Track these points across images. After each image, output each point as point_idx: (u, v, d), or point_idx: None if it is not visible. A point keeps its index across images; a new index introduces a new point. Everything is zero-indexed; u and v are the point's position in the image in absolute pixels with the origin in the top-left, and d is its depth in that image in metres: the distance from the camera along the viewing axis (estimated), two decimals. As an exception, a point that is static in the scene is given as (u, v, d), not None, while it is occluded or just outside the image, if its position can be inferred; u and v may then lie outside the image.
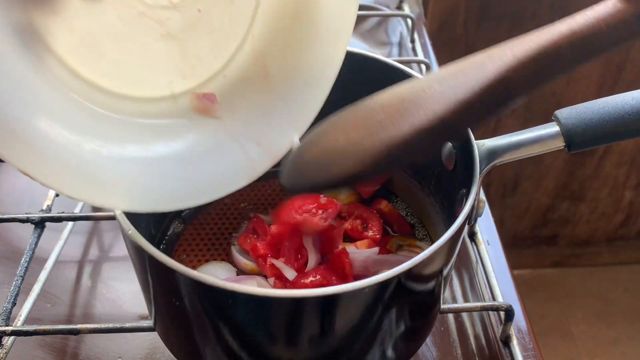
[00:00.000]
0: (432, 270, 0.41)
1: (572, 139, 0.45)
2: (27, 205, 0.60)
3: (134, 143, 0.44)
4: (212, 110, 0.47)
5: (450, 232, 0.40)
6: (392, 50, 0.95)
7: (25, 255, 0.55)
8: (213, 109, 0.47)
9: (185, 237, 0.58)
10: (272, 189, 0.63)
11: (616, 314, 1.63)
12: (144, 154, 0.44)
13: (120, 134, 0.44)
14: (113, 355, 0.54)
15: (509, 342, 0.55)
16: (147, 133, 0.45)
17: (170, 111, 0.46)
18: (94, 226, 0.67)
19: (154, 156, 0.45)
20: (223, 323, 0.40)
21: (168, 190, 0.44)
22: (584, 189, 1.56)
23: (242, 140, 0.47)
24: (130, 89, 0.45)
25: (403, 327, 0.44)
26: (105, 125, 0.43)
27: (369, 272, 0.51)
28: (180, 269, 0.37)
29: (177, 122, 0.46)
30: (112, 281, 0.61)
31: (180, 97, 0.46)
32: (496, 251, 0.63)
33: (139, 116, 0.45)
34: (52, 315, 0.58)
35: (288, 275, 0.50)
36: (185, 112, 0.46)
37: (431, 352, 0.55)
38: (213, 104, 0.47)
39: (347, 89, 0.57)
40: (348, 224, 0.56)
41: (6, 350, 0.50)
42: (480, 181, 0.44)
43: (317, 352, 0.41)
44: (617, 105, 0.45)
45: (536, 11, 1.22)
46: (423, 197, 0.58)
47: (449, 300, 0.60)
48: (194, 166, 0.46)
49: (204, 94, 0.46)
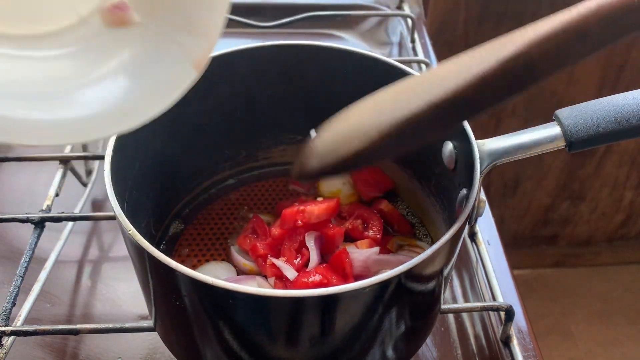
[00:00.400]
0: (432, 270, 0.41)
1: (573, 139, 0.45)
2: (27, 205, 0.60)
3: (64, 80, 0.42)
4: (128, 19, 0.44)
5: (451, 232, 0.40)
6: (392, 50, 0.95)
7: (25, 255, 0.55)
8: (129, 16, 0.44)
9: (185, 237, 0.58)
10: (272, 189, 0.63)
11: (616, 314, 1.63)
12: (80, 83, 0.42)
13: (44, 74, 0.42)
14: (113, 355, 0.54)
15: (509, 342, 0.55)
16: (74, 64, 0.43)
17: (86, 35, 0.43)
18: (94, 226, 0.67)
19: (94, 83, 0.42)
20: (223, 323, 0.40)
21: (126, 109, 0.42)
22: (584, 189, 1.56)
23: (171, 36, 0.44)
24: (34, 26, 0.42)
25: (403, 327, 0.44)
26: (23, 69, 0.41)
27: (370, 272, 0.51)
28: (180, 269, 0.37)
29: (98, 43, 0.44)
30: (112, 281, 0.61)
31: (90, 17, 0.43)
32: (496, 251, 0.63)
33: (55, 48, 0.42)
34: (52, 315, 0.58)
35: (289, 275, 0.50)
36: (102, 31, 0.43)
37: (431, 352, 0.55)
38: (127, 11, 0.44)
39: (347, 89, 0.57)
40: (349, 223, 0.56)
41: (6, 350, 0.50)
42: (481, 181, 0.44)
43: (317, 352, 0.41)
44: (617, 105, 0.45)
45: (536, 11, 1.22)
46: (423, 197, 0.58)
47: (449, 300, 0.60)
48: (140, 79, 0.44)
49: (113, 5, 0.44)
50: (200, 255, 0.56)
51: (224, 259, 0.56)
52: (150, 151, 0.51)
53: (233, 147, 0.61)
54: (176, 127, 0.54)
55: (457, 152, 0.49)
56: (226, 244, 0.57)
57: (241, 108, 0.58)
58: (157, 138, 0.52)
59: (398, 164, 0.60)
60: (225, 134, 0.59)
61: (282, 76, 0.56)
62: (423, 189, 0.57)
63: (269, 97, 0.58)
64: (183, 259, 0.56)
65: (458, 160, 0.49)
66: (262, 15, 0.90)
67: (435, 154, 0.52)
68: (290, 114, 0.59)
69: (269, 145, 0.63)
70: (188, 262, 0.55)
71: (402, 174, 0.60)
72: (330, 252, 0.53)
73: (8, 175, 0.73)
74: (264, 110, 0.59)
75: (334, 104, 0.59)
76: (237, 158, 0.62)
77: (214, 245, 0.57)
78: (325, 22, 0.96)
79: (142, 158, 0.50)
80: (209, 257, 0.56)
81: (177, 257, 0.56)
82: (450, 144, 0.49)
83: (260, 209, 0.60)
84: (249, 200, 0.61)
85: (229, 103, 0.57)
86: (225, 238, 0.58)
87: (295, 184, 0.63)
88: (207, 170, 0.61)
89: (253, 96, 0.58)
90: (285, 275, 0.50)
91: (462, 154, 0.48)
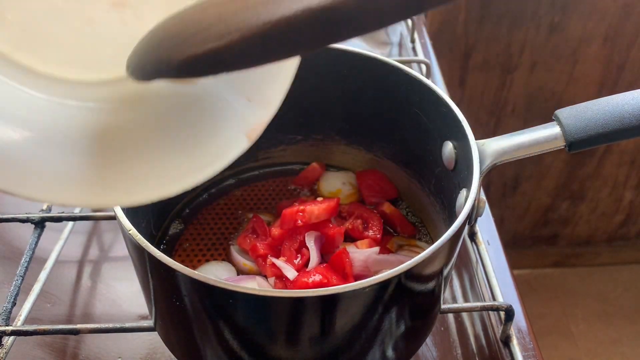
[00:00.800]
0: (432, 270, 0.41)
1: (573, 139, 0.45)
2: (27, 205, 0.60)
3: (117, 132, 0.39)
4: None
5: (451, 232, 0.40)
6: (392, 50, 0.95)
7: (25, 255, 0.55)
8: None
9: (186, 237, 0.58)
10: (272, 189, 0.63)
11: (616, 314, 1.63)
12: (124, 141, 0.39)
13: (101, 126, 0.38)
14: (113, 355, 0.54)
15: (509, 342, 0.55)
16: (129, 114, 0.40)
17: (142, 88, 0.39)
18: (94, 226, 0.67)
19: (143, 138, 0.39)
20: (223, 323, 0.40)
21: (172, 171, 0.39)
22: (584, 189, 1.57)
23: (229, 101, 0.41)
24: (88, 73, 0.39)
25: (403, 327, 0.44)
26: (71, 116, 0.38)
27: (370, 271, 0.51)
28: (180, 269, 0.37)
29: (155, 97, 0.40)
30: (112, 281, 0.61)
31: None
32: (496, 251, 0.63)
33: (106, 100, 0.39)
34: (52, 315, 0.58)
35: (289, 274, 0.50)
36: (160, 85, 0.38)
37: (431, 352, 0.55)
38: None
39: (347, 89, 0.57)
40: (349, 223, 0.56)
41: (6, 350, 0.50)
42: (480, 181, 0.44)
43: (317, 352, 0.41)
44: (617, 105, 0.45)
45: (536, 11, 1.22)
46: (423, 197, 0.58)
47: (449, 300, 0.60)
48: (190, 144, 0.40)
49: None
50: (200, 255, 0.56)
51: (224, 259, 0.56)
52: (150, 151, 0.51)
53: (233, 147, 0.61)
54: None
55: (457, 152, 0.49)
56: (226, 244, 0.57)
57: (241, 108, 0.58)
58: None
59: (398, 164, 0.60)
60: (225, 134, 0.59)
61: (282, 76, 0.56)
62: (423, 189, 0.57)
63: (269, 97, 0.58)
64: (183, 259, 0.56)
65: (458, 160, 0.49)
66: (262, 15, 0.90)
67: (435, 154, 0.52)
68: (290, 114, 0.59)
69: (269, 145, 0.63)
70: (188, 262, 0.55)
71: (402, 174, 0.60)
72: (330, 252, 0.53)
73: (8, 175, 0.73)
74: (264, 110, 0.59)
75: (334, 104, 0.60)
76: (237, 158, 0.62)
77: (214, 245, 0.57)
78: (325, 22, 0.96)
79: (142, 158, 0.50)
80: (209, 257, 0.56)
81: (177, 257, 0.56)
82: (450, 144, 0.50)
83: (260, 209, 0.60)
84: (249, 200, 0.62)
85: (229, 103, 0.57)
86: (225, 238, 0.58)
87: (295, 183, 0.63)
88: (207, 170, 0.61)
89: (253, 96, 0.58)
90: (285, 275, 0.50)
91: (462, 154, 0.48)
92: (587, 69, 1.33)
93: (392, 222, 0.58)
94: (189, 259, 0.56)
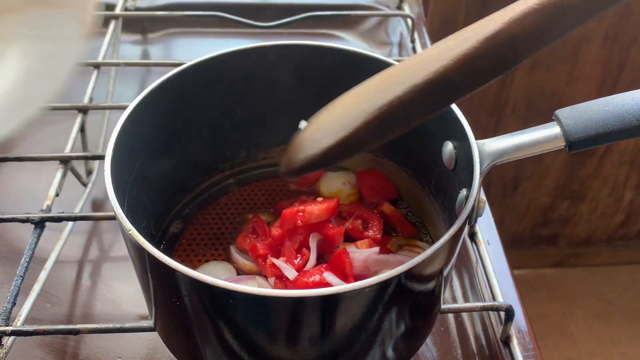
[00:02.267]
0: (432, 270, 0.41)
1: (573, 139, 0.45)
2: (27, 205, 0.60)
3: None
4: None
5: (451, 232, 0.40)
6: (392, 50, 0.95)
7: (25, 255, 0.55)
8: None
9: (185, 237, 0.58)
10: (272, 189, 0.63)
11: (616, 314, 1.63)
12: None
13: None
14: (113, 355, 0.54)
15: (509, 342, 0.55)
16: None
17: None
18: (94, 226, 0.67)
19: None
20: (223, 323, 0.40)
21: None
22: (584, 189, 1.57)
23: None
24: None
25: (403, 327, 0.44)
26: None
27: (370, 271, 0.51)
28: (180, 269, 0.37)
29: None
30: (112, 281, 0.61)
31: None
32: (496, 251, 0.63)
33: None
34: (52, 315, 0.58)
35: (289, 274, 0.50)
36: None
37: (431, 352, 0.55)
38: None
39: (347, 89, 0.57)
40: (349, 223, 0.56)
41: (6, 350, 0.50)
42: (481, 181, 0.44)
43: (317, 352, 0.41)
44: (617, 105, 0.45)
45: (536, 11, 1.22)
46: (423, 197, 0.58)
47: (449, 300, 0.60)
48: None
49: None
50: (200, 255, 0.56)
51: (224, 259, 0.56)
52: (150, 151, 0.51)
53: (233, 147, 0.61)
54: (176, 127, 0.54)
55: (457, 152, 0.49)
56: (226, 244, 0.57)
57: (241, 108, 0.58)
58: (157, 138, 0.52)
59: (398, 164, 0.60)
60: (226, 134, 0.59)
61: (282, 76, 0.56)
62: (423, 189, 0.57)
63: (269, 97, 0.58)
64: (183, 259, 0.56)
65: (458, 160, 0.49)
66: (262, 15, 0.90)
67: (435, 154, 0.52)
68: (290, 114, 0.59)
69: (269, 145, 0.63)
70: (188, 262, 0.55)
71: (402, 174, 0.60)
72: (330, 252, 0.53)
73: (8, 175, 0.73)
74: (264, 111, 0.59)
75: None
76: (237, 158, 0.62)
77: (214, 245, 0.57)
78: (325, 22, 0.96)
79: (142, 158, 0.50)
80: (209, 257, 0.56)
81: (177, 257, 0.56)
82: (450, 144, 0.50)
83: (260, 209, 0.60)
84: (249, 200, 0.61)
85: (229, 103, 0.57)
86: (225, 238, 0.58)
87: (295, 183, 0.63)
88: (207, 170, 0.61)
89: (253, 96, 0.58)
90: (285, 275, 0.50)
91: (462, 154, 0.48)
92: (587, 69, 1.33)
93: (392, 222, 0.58)
94: (189, 259, 0.56)
